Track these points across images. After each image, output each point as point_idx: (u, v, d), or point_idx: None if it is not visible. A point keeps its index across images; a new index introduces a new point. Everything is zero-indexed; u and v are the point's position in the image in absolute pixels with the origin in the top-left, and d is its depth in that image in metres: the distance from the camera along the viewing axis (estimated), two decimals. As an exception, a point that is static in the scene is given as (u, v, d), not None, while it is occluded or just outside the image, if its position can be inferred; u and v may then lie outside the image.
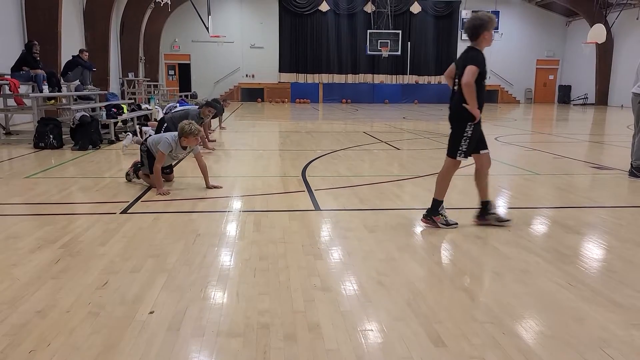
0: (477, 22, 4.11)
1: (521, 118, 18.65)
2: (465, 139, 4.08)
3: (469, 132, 4.06)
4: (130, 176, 5.79)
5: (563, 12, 30.75)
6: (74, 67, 12.49)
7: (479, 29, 4.08)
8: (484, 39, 4.07)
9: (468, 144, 4.08)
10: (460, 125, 4.12)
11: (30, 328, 2.41)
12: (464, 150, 4.10)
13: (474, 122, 4.02)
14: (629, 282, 3.05)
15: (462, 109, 4.02)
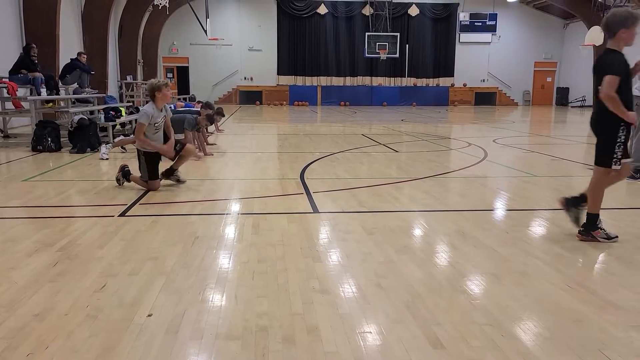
0: (613, 19, 3.66)
1: (519, 120, 18.68)
2: (618, 144, 3.73)
3: (622, 136, 3.72)
4: (121, 181, 5.75)
5: (560, 15, 30.83)
6: (72, 70, 12.48)
7: (615, 26, 3.65)
8: (621, 38, 3.67)
9: (622, 149, 3.75)
10: (609, 132, 3.76)
11: (28, 331, 2.40)
12: (619, 157, 3.75)
13: (627, 125, 3.69)
14: (627, 283, 3.05)
15: (606, 117, 3.70)
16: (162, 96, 5.44)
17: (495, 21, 30.92)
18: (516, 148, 9.92)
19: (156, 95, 5.42)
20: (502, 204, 5.30)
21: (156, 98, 5.44)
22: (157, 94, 5.41)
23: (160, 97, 5.44)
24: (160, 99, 5.45)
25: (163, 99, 5.48)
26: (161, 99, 5.46)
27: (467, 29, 31.18)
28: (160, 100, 5.46)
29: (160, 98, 5.45)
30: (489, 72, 32.01)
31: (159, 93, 5.40)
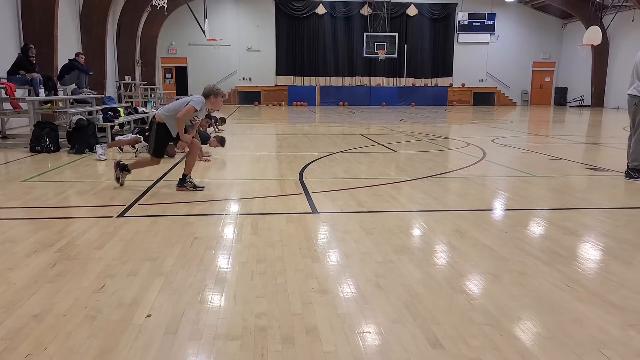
0: None
1: (517, 120, 18.69)
2: None
3: None
4: (120, 180, 5.74)
5: (559, 15, 30.88)
6: (70, 70, 12.46)
7: None
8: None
9: None
10: None
11: (26, 332, 2.40)
12: None
13: None
14: (626, 283, 3.06)
15: None
16: (214, 102, 5.63)
17: (493, 21, 30.97)
18: (515, 148, 9.93)
19: (210, 99, 5.58)
20: (501, 203, 5.30)
21: (209, 100, 5.58)
22: (212, 98, 5.58)
23: (212, 102, 5.61)
24: (211, 103, 5.62)
25: (213, 105, 5.67)
26: (212, 103, 5.63)
27: (466, 29, 31.21)
28: (210, 104, 5.63)
29: (211, 102, 5.61)
30: (487, 72, 32.04)
31: (214, 98, 5.59)
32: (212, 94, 5.59)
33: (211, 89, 5.63)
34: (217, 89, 5.63)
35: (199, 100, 5.47)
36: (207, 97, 5.58)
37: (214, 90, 5.61)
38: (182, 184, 5.62)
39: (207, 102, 5.60)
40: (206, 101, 5.58)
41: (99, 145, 8.16)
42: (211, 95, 5.59)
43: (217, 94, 5.60)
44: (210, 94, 5.60)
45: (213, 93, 5.59)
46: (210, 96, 5.59)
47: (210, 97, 5.59)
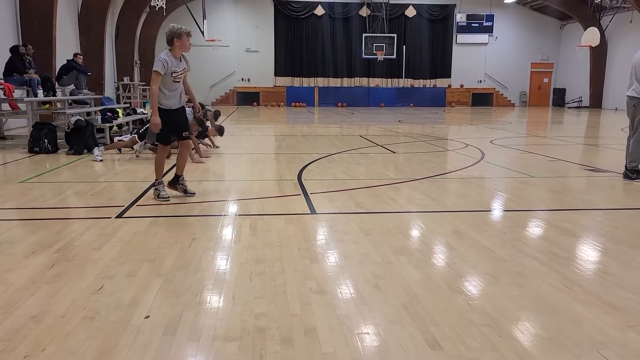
0: None
1: (516, 121, 18.71)
2: None
3: None
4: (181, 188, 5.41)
5: (557, 16, 30.93)
6: (68, 71, 12.45)
7: None
8: None
9: None
10: None
11: (25, 333, 2.39)
12: None
13: None
14: (624, 284, 3.06)
15: None
16: (181, 44, 4.94)
17: (492, 22, 31.01)
18: (513, 149, 9.94)
19: (174, 43, 4.92)
20: (499, 204, 5.31)
21: (174, 46, 4.93)
22: (176, 42, 4.91)
23: (179, 45, 4.94)
24: (178, 47, 4.95)
25: (182, 48, 4.98)
26: (180, 47, 4.95)
27: (464, 30, 31.24)
28: (178, 49, 4.95)
29: (178, 46, 4.94)
30: (485, 73, 32.07)
31: (177, 40, 4.91)
32: (175, 37, 4.91)
33: (170, 31, 4.93)
34: (177, 29, 4.93)
35: (157, 60, 4.85)
36: (170, 45, 4.95)
37: (174, 32, 4.91)
38: (173, 184, 5.37)
39: (174, 50, 4.94)
40: (171, 50, 4.94)
41: (97, 148, 8.13)
42: (174, 39, 4.92)
43: (180, 34, 4.92)
44: (172, 38, 4.92)
45: (175, 35, 4.91)
46: (173, 40, 4.93)
47: (173, 42, 4.93)
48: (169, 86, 4.98)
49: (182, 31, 4.94)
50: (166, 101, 5.01)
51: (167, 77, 4.91)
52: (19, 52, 10.69)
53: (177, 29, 4.92)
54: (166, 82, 4.94)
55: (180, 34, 4.92)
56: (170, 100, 5.04)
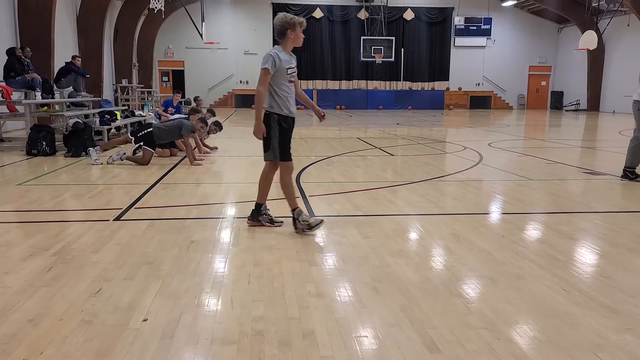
0: None
1: (514, 124, 18.75)
2: None
3: None
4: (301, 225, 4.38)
5: (555, 19, 31.03)
6: (67, 73, 12.45)
7: None
8: None
9: None
10: None
11: (22, 336, 2.39)
12: None
13: None
14: (622, 287, 3.06)
15: None
16: (295, 37, 4.18)
17: (490, 25, 31.09)
18: (511, 152, 9.95)
19: (288, 35, 4.15)
20: (498, 207, 5.31)
21: (287, 39, 4.17)
22: (290, 34, 4.15)
23: (292, 38, 4.18)
24: (292, 40, 4.19)
25: (295, 41, 4.21)
26: (293, 40, 4.20)
27: (462, 33, 31.32)
28: (291, 43, 4.20)
29: (292, 39, 4.18)
30: (483, 76, 32.14)
31: (292, 32, 4.14)
32: (289, 28, 4.12)
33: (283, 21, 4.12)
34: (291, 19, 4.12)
35: (266, 55, 4.13)
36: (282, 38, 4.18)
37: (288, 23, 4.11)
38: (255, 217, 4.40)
39: (285, 44, 4.19)
40: (282, 44, 4.19)
41: (92, 149, 8.01)
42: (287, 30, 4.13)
43: (294, 25, 4.13)
44: (285, 29, 4.12)
45: (289, 26, 4.11)
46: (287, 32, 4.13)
47: (286, 35, 4.14)
48: (284, 86, 4.18)
49: (296, 21, 4.16)
50: (286, 105, 4.19)
51: (281, 75, 4.14)
52: (16, 54, 10.67)
53: (291, 19, 4.14)
54: (280, 82, 4.16)
55: (295, 25, 4.14)
56: (289, 103, 4.22)
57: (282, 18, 4.14)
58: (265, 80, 4.11)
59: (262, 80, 4.11)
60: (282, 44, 4.18)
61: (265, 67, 4.07)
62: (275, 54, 4.07)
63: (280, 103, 4.16)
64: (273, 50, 4.11)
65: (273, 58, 4.06)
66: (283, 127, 4.21)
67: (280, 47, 4.17)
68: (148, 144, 7.71)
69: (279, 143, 4.26)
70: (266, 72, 4.09)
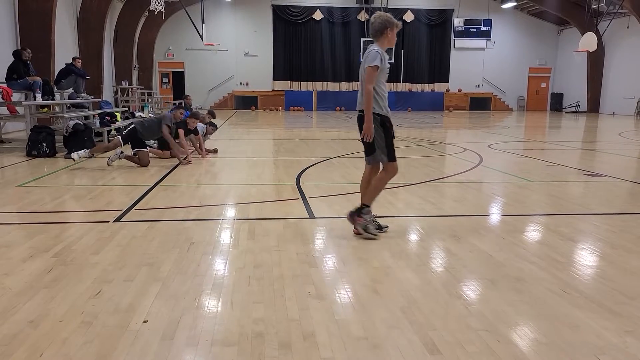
0: None
1: (514, 125, 18.75)
2: None
3: None
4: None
5: (555, 21, 31.05)
6: (67, 75, 12.46)
7: None
8: None
9: None
10: None
11: (22, 338, 2.38)
12: None
13: None
14: (622, 289, 3.06)
15: None
16: (392, 36, 4.12)
17: (490, 27, 31.12)
18: (511, 153, 9.95)
19: (386, 34, 4.08)
20: (498, 209, 5.31)
21: (385, 37, 4.09)
22: (389, 33, 4.08)
23: (390, 37, 4.11)
24: (389, 40, 4.12)
25: (391, 41, 4.14)
26: (390, 39, 4.13)
27: (462, 35, 31.35)
28: (387, 42, 4.13)
29: (389, 38, 4.12)
30: (483, 78, 32.16)
31: (390, 32, 4.08)
32: (388, 27, 4.03)
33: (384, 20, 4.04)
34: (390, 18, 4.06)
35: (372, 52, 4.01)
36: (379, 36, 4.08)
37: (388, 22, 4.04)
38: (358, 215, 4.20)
39: (383, 43, 4.08)
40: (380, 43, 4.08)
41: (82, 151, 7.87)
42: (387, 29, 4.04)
43: (393, 24, 4.06)
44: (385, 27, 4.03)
45: (389, 25, 4.04)
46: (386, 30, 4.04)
47: (385, 33, 4.05)
48: (383, 85, 4.07)
49: (394, 22, 4.10)
50: (385, 105, 4.05)
51: (382, 74, 4.02)
52: (22, 57, 10.69)
53: (391, 19, 4.07)
54: (380, 81, 4.04)
55: (394, 25, 4.08)
56: (387, 104, 4.09)
57: (384, 16, 4.05)
58: (374, 79, 3.95)
59: (372, 78, 3.94)
60: (379, 42, 4.06)
61: (375, 65, 3.91)
62: (381, 51, 3.96)
63: (381, 103, 4.02)
64: (376, 48, 3.98)
65: (380, 55, 3.94)
66: (387, 127, 4.06)
67: (378, 45, 4.05)
68: (138, 144, 7.70)
69: (387, 144, 4.08)
70: (375, 69, 3.93)
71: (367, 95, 3.94)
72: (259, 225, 4.45)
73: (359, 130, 4.10)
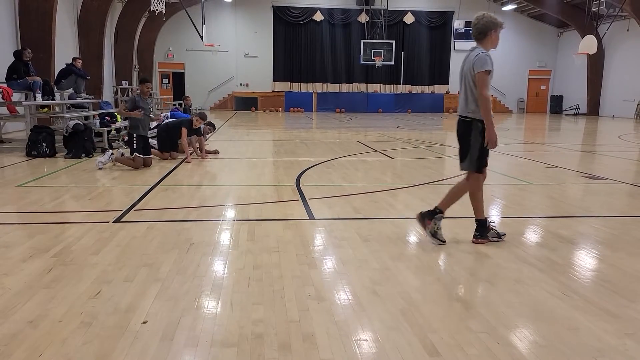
0: None
1: (514, 128, 18.76)
2: None
3: None
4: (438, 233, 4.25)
5: (555, 24, 31.07)
6: (67, 75, 12.45)
7: None
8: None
9: None
10: None
11: (21, 338, 2.38)
12: None
13: None
14: (622, 291, 3.06)
15: None
16: (495, 37, 3.94)
17: (490, 29, 31.08)
18: (511, 155, 9.95)
19: (490, 35, 3.91)
20: (497, 211, 5.31)
21: (489, 39, 3.93)
22: (493, 34, 3.91)
23: (493, 39, 3.95)
24: (492, 41, 3.95)
25: (494, 42, 3.97)
26: (494, 40, 3.96)
27: (462, 37, 31.34)
28: (491, 44, 3.96)
29: (493, 40, 3.95)
30: (483, 80, 32.10)
31: (494, 33, 3.91)
32: (492, 28, 3.90)
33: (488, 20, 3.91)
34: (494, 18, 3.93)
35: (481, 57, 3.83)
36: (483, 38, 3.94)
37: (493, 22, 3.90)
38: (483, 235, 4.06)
39: (486, 45, 3.94)
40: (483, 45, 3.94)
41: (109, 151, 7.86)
42: (490, 31, 3.90)
43: (497, 25, 3.92)
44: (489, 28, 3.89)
45: (493, 26, 3.89)
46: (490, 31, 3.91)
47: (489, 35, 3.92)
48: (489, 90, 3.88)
49: (498, 22, 3.92)
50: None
51: (490, 78, 3.85)
52: (22, 58, 10.69)
53: (495, 20, 3.89)
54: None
55: (497, 25, 3.90)
56: None
57: (487, 17, 3.88)
58: (488, 83, 3.78)
59: (486, 83, 3.77)
60: (483, 44, 3.91)
61: (487, 69, 3.76)
62: (489, 55, 3.82)
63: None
64: (483, 52, 3.83)
65: (490, 59, 3.79)
66: (483, 136, 3.93)
67: (481, 48, 3.90)
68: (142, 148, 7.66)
69: (480, 154, 3.98)
70: (487, 74, 3.77)
71: (484, 102, 3.79)
72: (258, 226, 4.45)
73: (457, 136, 4.02)
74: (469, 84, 3.88)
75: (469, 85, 3.87)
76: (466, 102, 3.91)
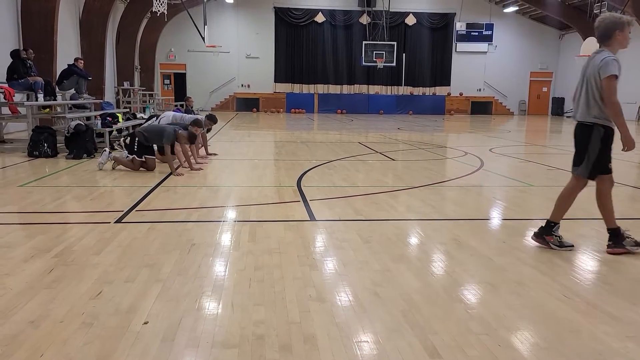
0: None
1: (515, 130, 18.76)
2: None
3: None
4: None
5: (556, 26, 31.07)
6: (69, 75, 12.47)
7: None
8: None
9: None
10: None
11: (23, 338, 2.39)
12: None
13: None
14: (623, 294, 3.06)
15: None
16: (622, 38, 3.74)
17: (491, 31, 31.12)
18: (512, 157, 9.95)
19: (615, 37, 3.72)
20: (499, 213, 5.31)
21: (614, 40, 3.74)
22: (618, 35, 3.71)
23: (620, 40, 3.74)
24: (619, 42, 3.76)
25: (622, 43, 3.77)
26: (621, 41, 3.76)
27: (464, 39, 31.36)
28: (618, 45, 3.77)
29: (619, 41, 3.75)
30: (485, 82, 32.16)
31: (620, 33, 3.70)
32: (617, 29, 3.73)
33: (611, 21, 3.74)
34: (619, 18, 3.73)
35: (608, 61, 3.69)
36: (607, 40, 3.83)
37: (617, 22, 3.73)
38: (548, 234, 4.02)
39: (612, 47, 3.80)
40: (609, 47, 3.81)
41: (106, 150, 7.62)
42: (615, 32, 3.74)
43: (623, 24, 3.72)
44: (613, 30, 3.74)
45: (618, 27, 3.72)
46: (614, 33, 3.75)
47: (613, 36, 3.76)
48: None
49: (625, 21, 3.69)
50: None
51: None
52: (20, 56, 10.69)
53: (620, 19, 3.68)
54: None
55: (624, 25, 3.68)
56: None
57: (609, 17, 3.70)
58: (615, 89, 3.63)
59: (613, 89, 3.62)
60: (609, 47, 3.75)
61: (614, 74, 3.63)
62: (616, 60, 3.66)
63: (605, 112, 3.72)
64: (610, 56, 3.67)
65: (618, 63, 3.65)
66: (607, 143, 3.85)
67: (608, 51, 3.73)
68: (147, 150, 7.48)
69: (597, 160, 3.89)
70: (615, 79, 3.64)
71: (615, 108, 3.66)
72: (259, 227, 4.45)
73: (575, 141, 3.94)
74: (591, 89, 3.74)
75: (592, 89, 3.74)
76: (588, 107, 3.77)
